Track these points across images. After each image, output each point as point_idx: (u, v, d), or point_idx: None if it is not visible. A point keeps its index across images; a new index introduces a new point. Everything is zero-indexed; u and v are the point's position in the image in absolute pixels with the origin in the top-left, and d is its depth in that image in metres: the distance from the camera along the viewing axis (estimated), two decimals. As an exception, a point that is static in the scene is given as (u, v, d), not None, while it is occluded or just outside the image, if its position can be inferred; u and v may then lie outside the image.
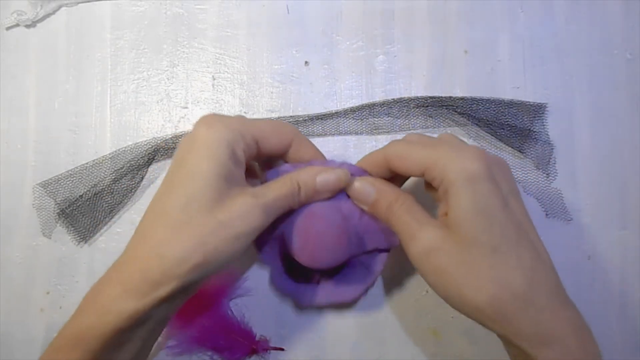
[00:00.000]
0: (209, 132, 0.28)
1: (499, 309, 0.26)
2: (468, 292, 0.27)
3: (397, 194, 0.31)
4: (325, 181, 0.31)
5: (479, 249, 0.27)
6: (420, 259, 0.28)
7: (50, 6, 0.41)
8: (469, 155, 0.28)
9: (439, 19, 0.41)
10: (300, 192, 0.31)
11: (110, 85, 0.41)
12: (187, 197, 0.27)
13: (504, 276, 0.26)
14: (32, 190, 0.40)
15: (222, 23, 0.41)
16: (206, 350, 0.38)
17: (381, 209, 0.31)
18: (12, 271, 0.40)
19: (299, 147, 0.33)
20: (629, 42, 0.40)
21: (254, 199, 0.28)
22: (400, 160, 0.30)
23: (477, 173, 0.27)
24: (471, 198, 0.27)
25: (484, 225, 0.27)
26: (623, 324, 0.38)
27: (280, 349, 0.38)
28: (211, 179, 0.27)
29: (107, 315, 0.26)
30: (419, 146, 0.30)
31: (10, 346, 0.39)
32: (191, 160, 0.28)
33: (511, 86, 0.40)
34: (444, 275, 0.27)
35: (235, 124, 0.29)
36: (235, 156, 0.29)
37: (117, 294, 0.27)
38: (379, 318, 0.39)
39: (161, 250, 0.27)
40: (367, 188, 0.32)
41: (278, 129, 0.32)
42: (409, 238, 0.29)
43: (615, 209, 0.39)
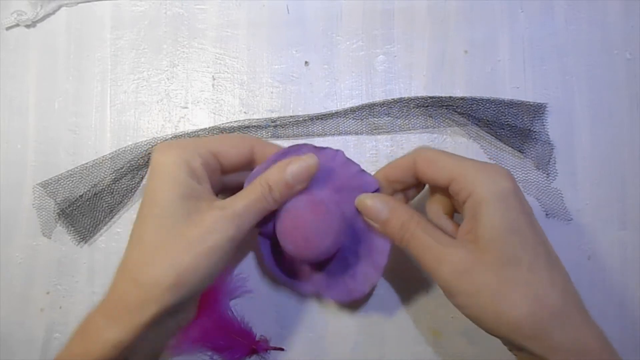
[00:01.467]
0: (162, 157, 0.29)
1: (539, 325, 0.26)
2: (505, 310, 0.26)
3: (410, 213, 0.30)
4: (295, 172, 0.30)
5: (515, 266, 0.27)
6: (451, 281, 0.28)
7: (50, 6, 0.41)
8: (499, 173, 0.28)
9: (439, 19, 0.41)
10: (272, 192, 0.30)
11: (110, 85, 0.41)
12: (154, 221, 0.28)
13: (541, 293, 0.27)
14: (32, 190, 0.40)
15: (222, 23, 0.41)
16: (206, 350, 0.38)
17: (394, 228, 0.30)
18: (12, 271, 0.40)
19: (263, 151, 0.32)
20: (629, 42, 0.40)
21: (221, 211, 0.28)
22: (429, 166, 0.30)
23: (509, 191, 0.28)
24: (504, 216, 0.27)
25: (518, 244, 0.27)
26: (623, 324, 0.38)
27: (280, 349, 0.38)
28: (173, 200, 0.28)
29: (92, 345, 0.27)
30: (449, 155, 0.30)
31: (10, 346, 0.39)
32: (153, 187, 0.29)
33: (511, 86, 0.40)
34: (478, 296, 0.27)
35: (188, 143, 0.30)
36: (194, 173, 0.29)
37: (100, 323, 0.27)
38: (379, 318, 0.39)
39: (136, 276, 0.27)
40: (379, 206, 0.31)
41: (234, 139, 0.32)
42: (435, 261, 0.28)
43: (615, 209, 0.39)
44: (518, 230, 0.27)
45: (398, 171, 0.32)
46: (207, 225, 0.28)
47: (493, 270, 0.27)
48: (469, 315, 0.28)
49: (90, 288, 0.40)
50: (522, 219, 0.28)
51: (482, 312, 0.27)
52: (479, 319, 0.28)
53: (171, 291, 0.27)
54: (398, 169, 0.32)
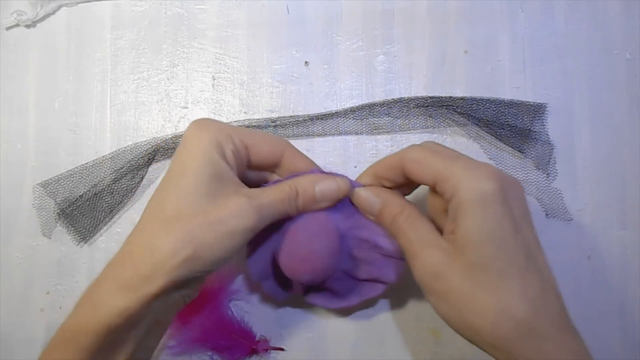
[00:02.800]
0: (198, 132, 0.29)
1: (501, 336, 0.26)
2: (470, 317, 0.26)
3: (402, 206, 0.30)
4: (325, 189, 0.31)
5: (485, 274, 0.26)
6: (424, 280, 0.28)
7: (50, 6, 0.41)
8: (484, 175, 0.27)
9: (439, 19, 0.41)
10: (298, 198, 0.31)
11: (110, 85, 0.41)
12: (179, 193, 0.28)
13: (508, 303, 0.26)
14: (32, 190, 0.40)
15: (222, 23, 0.41)
16: (206, 350, 0.38)
17: (386, 221, 0.31)
18: (12, 271, 0.40)
19: (292, 159, 0.32)
20: (629, 42, 0.40)
21: (248, 199, 0.28)
22: (415, 166, 0.30)
23: (491, 194, 0.26)
24: (482, 221, 0.26)
25: (492, 251, 0.26)
26: (623, 324, 0.38)
27: (280, 349, 0.38)
28: (202, 175, 0.28)
29: (98, 311, 0.26)
30: (436, 155, 0.29)
31: (10, 346, 0.39)
32: (183, 159, 0.29)
33: (511, 86, 0.40)
34: (447, 299, 0.27)
35: (225, 127, 0.30)
36: (225, 157, 0.29)
37: (109, 289, 0.27)
38: (379, 318, 0.39)
39: (152, 243, 0.27)
40: (372, 198, 0.31)
41: (269, 138, 0.32)
42: (412, 257, 0.29)
43: (615, 209, 0.39)
44: (495, 236, 0.26)
45: (387, 169, 0.32)
46: (231, 209, 0.28)
47: (463, 274, 0.27)
48: (439, 315, 0.28)
49: (90, 288, 0.40)
50: (503, 224, 0.26)
51: (449, 314, 0.28)
52: (448, 322, 0.28)
53: (185, 264, 0.26)
54: (387, 167, 0.32)
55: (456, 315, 0.27)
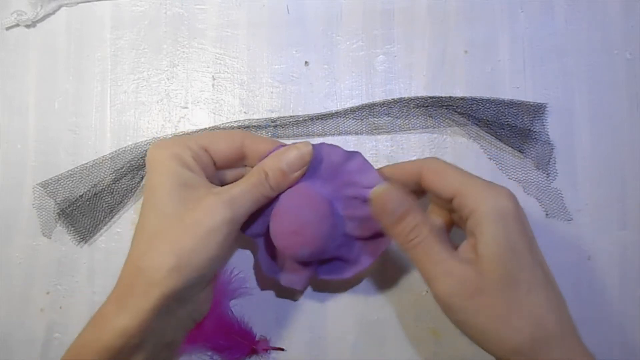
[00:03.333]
0: (156, 151, 0.31)
1: (538, 349, 0.26)
2: (506, 333, 0.27)
3: (425, 217, 0.30)
4: (290, 160, 0.31)
5: (516, 288, 0.27)
6: (454, 296, 0.28)
7: (50, 6, 0.41)
8: (502, 193, 0.28)
9: (439, 19, 0.41)
10: (268, 178, 0.31)
11: (110, 85, 0.41)
12: (153, 210, 0.29)
13: (540, 316, 0.27)
14: (32, 190, 0.40)
15: (222, 23, 0.41)
16: (206, 350, 0.38)
17: (404, 230, 0.29)
18: (12, 271, 0.40)
19: (253, 145, 0.33)
20: (629, 42, 0.40)
21: (218, 195, 0.29)
22: (436, 177, 0.30)
23: (510, 211, 0.28)
24: (505, 236, 0.27)
25: (518, 265, 0.27)
26: (623, 324, 0.38)
27: (280, 349, 0.38)
28: (169, 188, 0.29)
29: (100, 332, 0.27)
30: (456, 170, 0.30)
31: (10, 346, 0.39)
32: (150, 181, 0.30)
33: (511, 86, 0.40)
34: (479, 316, 0.27)
35: (179, 139, 0.31)
36: (187, 164, 0.30)
37: (111, 311, 0.28)
38: (379, 318, 0.39)
39: (138, 263, 0.28)
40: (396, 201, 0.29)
41: (223, 134, 0.33)
42: (440, 273, 0.28)
43: (615, 209, 0.39)
44: (517, 251, 0.27)
45: (403, 173, 0.32)
46: (203, 209, 0.28)
47: (494, 290, 0.27)
48: (469, 333, 0.28)
49: (90, 288, 0.40)
50: (521, 240, 0.28)
51: (481, 332, 0.27)
52: (480, 338, 0.28)
53: (172, 274, 0.27)
54: (404, 171, 0.32)
55: (490, 333, 0.27)
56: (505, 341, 0.27)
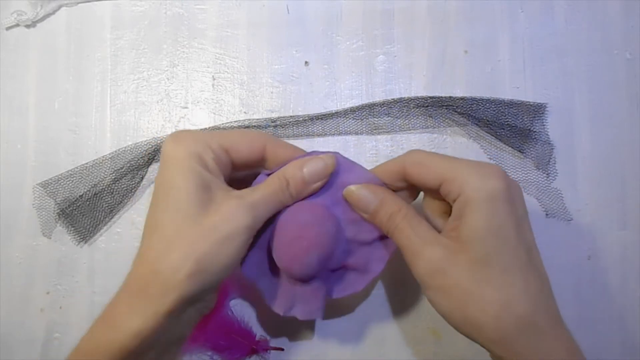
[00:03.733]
0: (175, 147, 0.29)
1: (502, 331, 0.26)
2: (472, 312, 0.27)
3: (399, 205, 0.30)
4: (312, 170, 0.31)
5: (489, 269, 0.27)
6: (426, 276, 0.28)
7: (50, 6, 0.41)
8: (491, 174, 0.28)
9: (439, 19, 0.41)
10: (289, 186, 0.30)
11: (110, 85, 0.41)
12: (171, 212, 0.28)
13: (510, 298, 0.26)
14: (32, 190, 0.40)
15: (222, 23, 0.41)
16: (206, 350, 0.38)
17: (382, 219, 0.30)
18: (12, 271, 0.40)
19: (275, 150, 0.32)
20: (629, 42, 0.40)
21: (238, 200, 0.29)
22: (419, 169, 0.30)
23: (498, 192, 0.27)
24: (489, 217, 0.27)
25: (497, 246, 0.27)
26: (623, 324, 0.38)
27: (280, 349, 0.38)
28: (188, 189, 0.28)
29: (113, 334, 0.27)
30: (439, 157, 0.30)
31: (10, 346, 0.39)
32: (166, 177, 0.29)
33: (511, 86, 0.40)
34: (449, 294, 0.27)
35: (201, 136, 0.30)
36: (207, 166, 0.29)
37: (123, 312, 0.27)
38: (379, 318, 0.39)
39: (156, 266, 0.27)
40: (368, 196, 0.31)
41: (246, 135, 0.32)
42: (413, 255, 0.29)
43: (615, 209, 0.39)
44: (500, 232, 0.27)
45: (387, 175, 0.32)
46: (223, 213, 0.28)
47: (466, 269, 0.27)
48: (439, 311, 0.28)
49: (90, 288, 0.40)
50: (508, 221, 0.27)
51: (450, 309, 0.28)
52: (448, 318, 0.28)
53: (190, 279, 0.27)
54: (387, 172, 0.32)
55: (458, 310, 0.27)
56: (470, 319, 0.27)
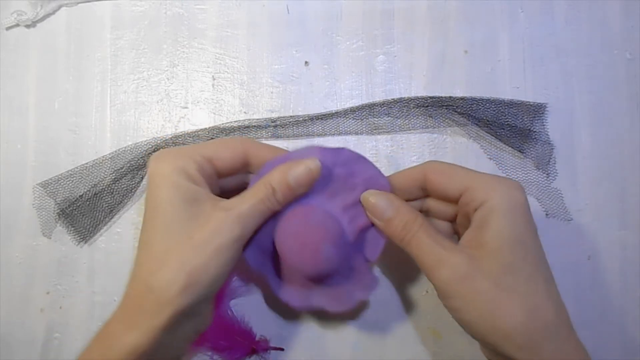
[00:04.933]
0: (158, 164, 0.30)
1: (530, 337, 0.27)
2: (500, 317, 0.27)
3: (415, 214, 0.30)
4: (297, 176, 0.31)
5: (515, 276, 0.27)
6: (451, 284, 0.28)
7: (50, 6, 0.41)
8: (514, 186, 0.29)
9: (439, 19, 0.41)
10: (276, 193, 0.30)
11: (110, 85, 0.41)
12: (160, 228, 0.28)
13: (537, 305, 0.27)
14: (32, 190, 0.40)
15: (222, 23, 0.41)
16: (206, 350, 0.38)
17: (396, 229, 0.30)
18: (12, 271, 0.40)
19: (257, 154, 0.32)
20: (629, 42, 0.40)
21: (227, 212, 0.29)
22: (441, 177, 0.31)
23: (521, 203, 0.29)
24: (513, 226, 0.28)
25: (521, 254, 0.28)
26: (623, 324, 0.38)
27: (280, 349, 0.38)
28: (176, 204, 0.28)
29: (111, 351, 0.27)
30: (461, 168, 0.31)
31: (10, 346, 0.39)
32: (154, 194, 0.29)
33: (511, 86, 0.40)
34: (475, 302, 0.27)
35: (182, 151, 0.31)
36: (192, 179, 0.30)
37: (119, 329, 0.28)
38: (379, 318, 0.39)
39: (149, 283, 0.27)
40: (384, 204, 0.31)
41: (226, 143, 0.32)
42: (435, 263, 0.29)
43: (615, 209, 0.39)
44: (523, 241, 0.28)
45: (407, 181, 0.32)
46: (212, 226, 0.28)
47: (492, 277, 0.27)
48: (462, 319, 0.28)
49: (90, 288, 0.40)
50: (528, 232, 0.29)
51: (476, 317, 0.28)
52: (472, 325, 0.28)
53: (183, 293, 0.27)
54: (407, 178, 0.32)
55: (484, 318, 0.27)
56: (497, 326, 0.27)
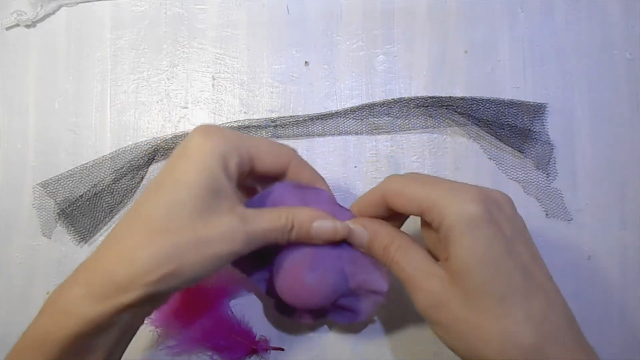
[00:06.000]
0: (203, 141, 0.27)
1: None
2: (476, 346, 0.26)
3: (392, 236, 0.29)
4: (322, 229, 0.30)
5: (485, 300, 0.25)
6: (427, 310, 0.27)
7: (50, 6, 0.41)
8: (467, 197, 0.26)
9: (439, 19, 0.41)
10: (292, 231, 0.29)
11: (110, 85, 0.41)
12: (169, 204, 0.26)
13: (512, 329, 0.25)
14: (32, 190, 0.40)
15: (222, 23, 0.41)
16: (206, 350, 0.38)
17: (377, 252, 0.30)
18: (12, 271, 0.40)
19: (297, 171, 0.31)
20: (629, 42, 0.40)
21: (241, 224, 0.27)
22: (397, 198, 0.29)
23: (476, 217, 0.26)
24: (472, 245, 0.25)
25: (488, 275, 0.25)
26: (623, 324, 0.38)
27: (280, 349, 0.38)
28: (198, 190, 0.26)
29: (67, 319, 0.25)
30: (417, 184, 0.28)
31: (10, 346, 0.39)
32: (180, 168, 0.27)
33: (511, 86, 0.40)
34: (451, 329, 0.27)
35: (232, 137, 0.28)
36: (227, 170, 0.28)
37: (80, 295, 0.26)
38: (379, 318, 0.39)
39: (133, 254, 0.26)
40: (359, 230, 0.30)
41: (275, 149, 0.30)
42: (411, 289, 0.28)
43: (615, 209, 0.39)
44: (489, 259, 0.25)
45: (369, 207, 0.31)
46: (221, 230, 0.27)
47: (464, 302, 0.26)
48: (447, 345, 0.28)
49: (90, 288, 0.40)
50: (494, 245, 0.26)
51: (456, 344, 0.27)
52: (454, 349, 0.27)
53: (164, 280, 0.25)
54: (368, 204, 0.31)
55: (462, 345, 0.26)
56: (475, 353, 0.26)
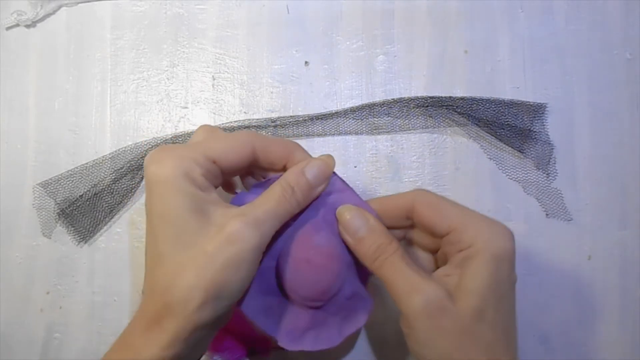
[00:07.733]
0: (159, 169, 0.27)
1: None
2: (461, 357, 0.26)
3: (390, 239, 0.29)
4: (315, 172, 0.29)
5: (483, 324, 0.27)
6: (423, 313, 0.27)
7: (50, 6, 0.41)
8: (503, 233, 0.28)
9: (439, 19, 0.41)
10: (294, 193, 0.29)
11: (110, 85, 0.41)
12: (171, 240, 0.26)
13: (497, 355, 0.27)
14: (32, 190, 0.40)
15: (222, 23, 0.41)
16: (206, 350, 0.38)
17: (368, 249, 0.29)
18: (12, 271, 0.40)
19: (265, 149, 0.30)
20: (629, 42, 0.40)
21: (241, 217, 0.26)
22: (430, 211, 0.29)
23: (506, 253, 0.28)
24: (494, 274, 0.27)
25: (495, 303, 0.27)
26: (623, 324, 0.38)
27: (280, 348, 0.38)
28: (184, 214, 0.26)
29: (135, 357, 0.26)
30: (451, 204, 0.29)
31: (10, 346, 0.39)
32: (157, 203, 0.27)
33: (511, 86, 0.40)
34: (437, 338, 0.27)
35: (183, 152, 0.28)
36: (197, 183, 0.27)
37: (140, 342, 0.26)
38: (378, 318, 0.39)
39: (166, 299, 0.26)
40: (358, 222, 0.30)
41: (232, 141, 0.29)
42: (409, 288, 0.27)
43: (615, 209, 0.39)
44: (500, 291, 0.27)
45: (394, 208, 0.31)
46: (227, 235, 0.26)
47: (461, 318, 0.27)
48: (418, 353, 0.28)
49: (90, 288, 0.40)
50: (506, 284, 0.28)
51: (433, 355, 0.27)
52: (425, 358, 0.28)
53: (202, 309, 0.25)
54: (394, 205, 0.31)
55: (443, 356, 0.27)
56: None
